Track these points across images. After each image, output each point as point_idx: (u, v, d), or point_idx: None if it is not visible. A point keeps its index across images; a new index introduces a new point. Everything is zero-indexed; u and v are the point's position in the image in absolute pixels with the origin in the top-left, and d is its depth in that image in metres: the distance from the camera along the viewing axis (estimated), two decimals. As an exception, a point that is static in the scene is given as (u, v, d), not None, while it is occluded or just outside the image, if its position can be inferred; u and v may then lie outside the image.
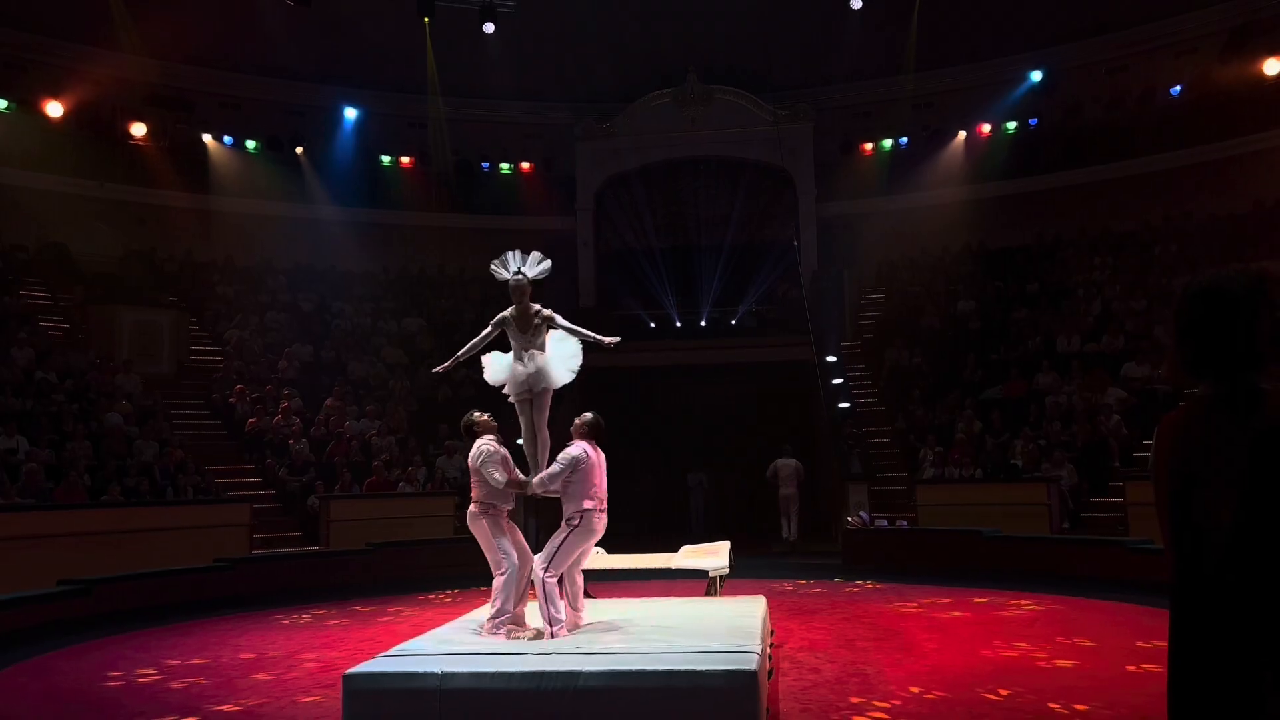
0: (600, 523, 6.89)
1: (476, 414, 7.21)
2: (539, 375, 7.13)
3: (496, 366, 7.32)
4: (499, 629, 6.72)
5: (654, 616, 7.51)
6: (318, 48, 22.54)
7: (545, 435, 7.21)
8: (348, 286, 22.29)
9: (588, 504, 6.79)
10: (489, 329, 7.41)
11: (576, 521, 6.77)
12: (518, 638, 6.66)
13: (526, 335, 7.23)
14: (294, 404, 17.72)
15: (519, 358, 7.20)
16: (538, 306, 7.27)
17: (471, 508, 6.95)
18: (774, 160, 23.55)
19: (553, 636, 6.57)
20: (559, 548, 6.75)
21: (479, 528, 6.91)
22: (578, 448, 6.86)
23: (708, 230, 23.72)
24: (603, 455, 7.02)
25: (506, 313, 7.30)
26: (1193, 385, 2.48)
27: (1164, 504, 2.45)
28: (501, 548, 6.85)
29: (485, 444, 6.93)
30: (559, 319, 7.33)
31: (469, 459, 7.03)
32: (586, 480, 6.80)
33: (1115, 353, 17.52)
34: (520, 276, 7.28)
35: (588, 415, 7.06)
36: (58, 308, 18.67)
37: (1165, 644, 2.48)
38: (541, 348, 7.28)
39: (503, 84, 23.29)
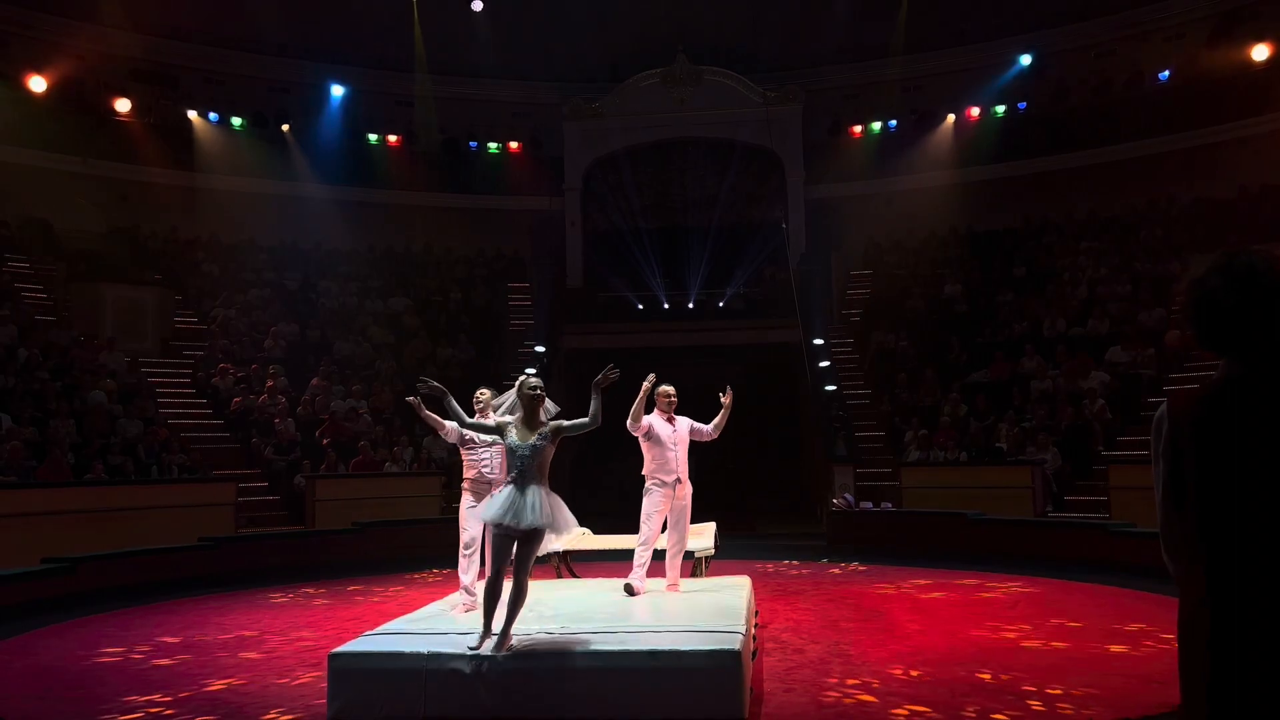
0: None
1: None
2: (548, 517, 5.93)
3: (495, 504, 6.07)
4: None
5: (639, 597, 7.55)
6: (304, 24, 22.35)
7: (525, 582, 5.98)
8: (333, 265, 22.18)
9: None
10: (488, 425, 6.54)
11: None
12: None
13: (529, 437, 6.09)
14: (279, 383, 17.65)
15: (516, 483, 5.97)
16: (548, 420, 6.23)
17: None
18: (763, 142, 23.48)
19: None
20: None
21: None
22: None
23: (696, 211, 23.65)
24: None
25: (510, 419, 6.29)
26: (1178, 372, 2.48)
27: (1174, 486, 2.40)
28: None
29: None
30: (565, 422, 6.21)
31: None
32: None
33: (1099, 337, 17.59)
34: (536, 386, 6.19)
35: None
36: (40, 284, 18.52)
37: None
38: (542, 469, 6.07)
39: (490, 63, 23.15)
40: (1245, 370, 2.39)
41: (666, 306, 22.26)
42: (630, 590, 7.62)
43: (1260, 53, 19.37)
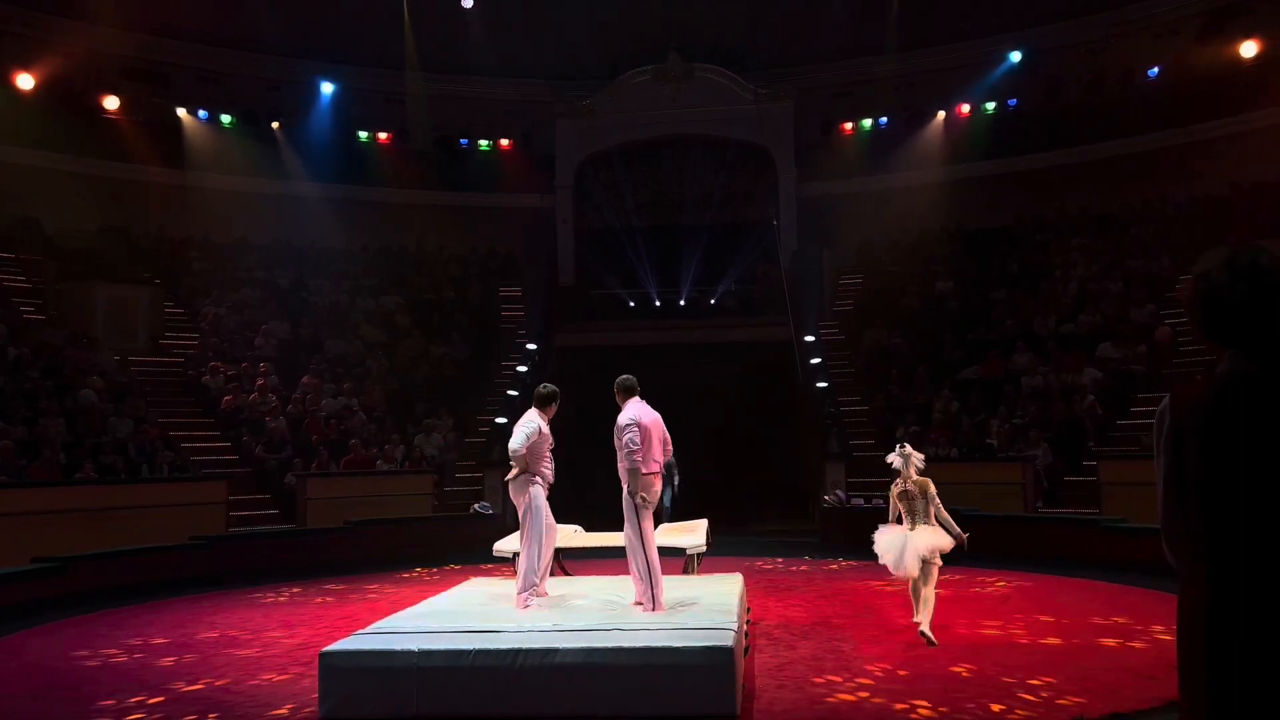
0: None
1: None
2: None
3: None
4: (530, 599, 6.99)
5: (631, 594, 7.54)
6: (295, 21, 22.26)
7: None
8: (325, 263, 22.10)
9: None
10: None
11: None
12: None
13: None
14: (270, 381, 17.61)
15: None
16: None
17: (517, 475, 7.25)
18: (755, 139, 23.47)
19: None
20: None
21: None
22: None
23: (688, 209, 23.64)
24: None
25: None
26: (1169, 368, 2.48)
27: (1178, 481, 2.41)
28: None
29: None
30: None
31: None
32: None
33: (1091, 333, 17.64)
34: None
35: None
36: (31, 284, 18.44)
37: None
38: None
39: (482, 60, 23.08)
40: (1249, 367, 2.40)
41: (658, 305, 22.24)
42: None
43: (1249, 49, 19.42)
